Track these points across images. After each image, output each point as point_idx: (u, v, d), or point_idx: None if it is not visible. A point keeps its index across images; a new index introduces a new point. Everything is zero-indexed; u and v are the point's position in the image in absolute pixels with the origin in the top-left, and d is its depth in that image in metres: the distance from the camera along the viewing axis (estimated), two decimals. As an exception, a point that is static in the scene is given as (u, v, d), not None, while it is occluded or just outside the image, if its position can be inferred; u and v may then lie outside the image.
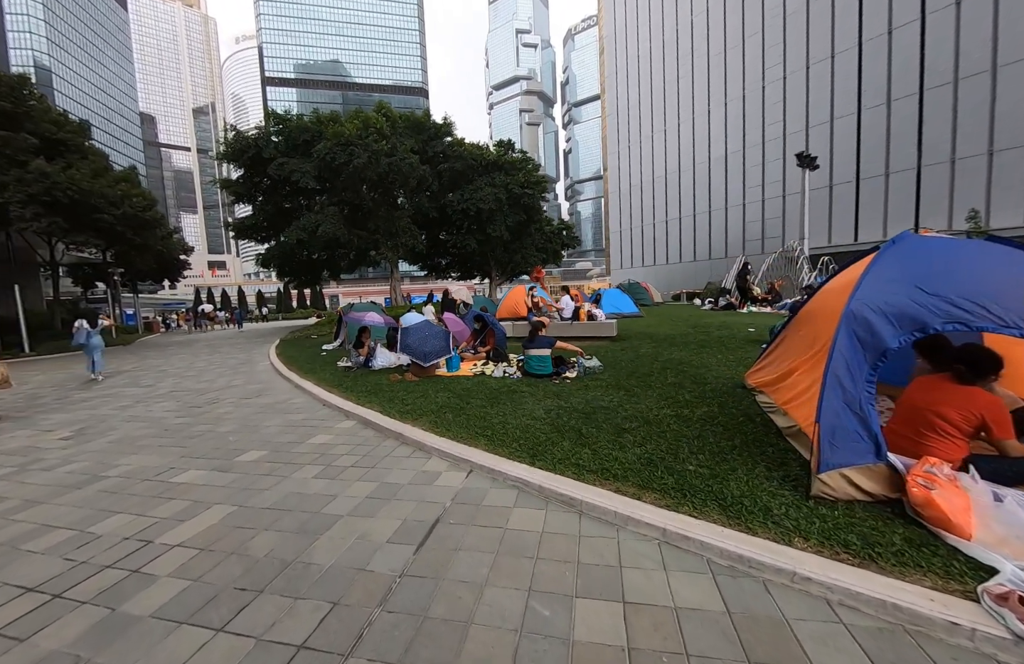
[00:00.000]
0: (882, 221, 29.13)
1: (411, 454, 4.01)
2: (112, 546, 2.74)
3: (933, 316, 2.55)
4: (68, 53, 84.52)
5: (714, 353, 7.35)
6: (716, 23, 39.62)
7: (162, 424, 5.91)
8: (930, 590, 1.87)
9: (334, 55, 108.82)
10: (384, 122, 20.28)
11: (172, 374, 10.73)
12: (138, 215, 21.40)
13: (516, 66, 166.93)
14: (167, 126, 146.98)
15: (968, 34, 24.38)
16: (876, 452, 2.51)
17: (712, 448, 3.35)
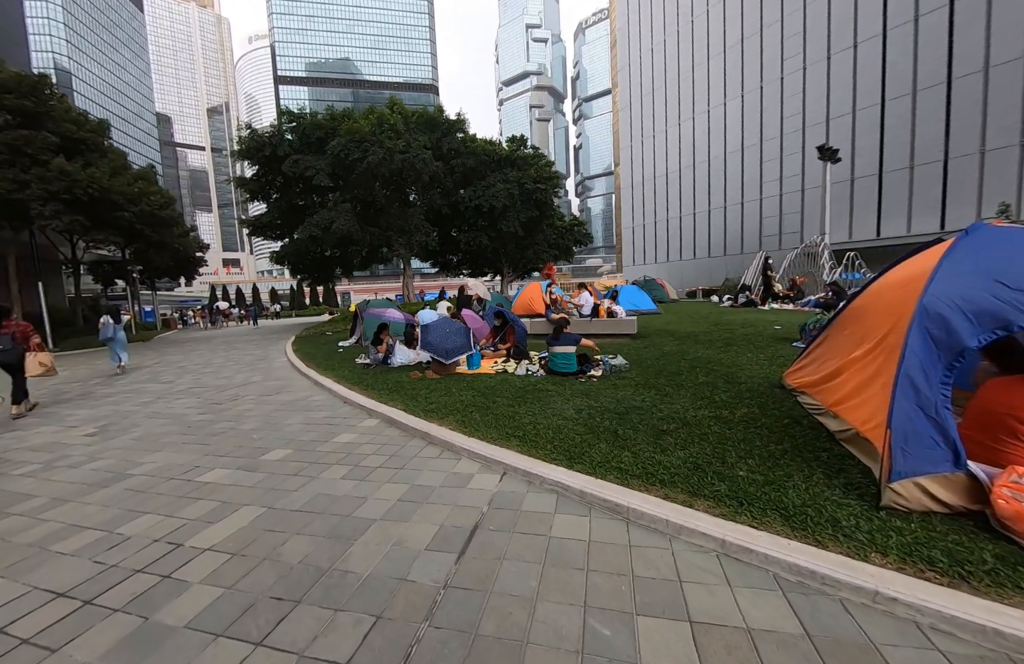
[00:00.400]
0: (906, 215, 28.25)
1: (440, 455, 3.89)
2: (142, 549, 2.67)
3: (1019, 313, 2.33)
4: (87, 54, 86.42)
5: (743, 351, 7.10)
6: (733, 13, 38.73)
7: (184, 421, 5.91)
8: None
9: (345, 53, 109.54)
10: (399, 119, 20.24)
11: (191, 370, 10.82)
12: (155, 213, 21.78)
13: (526, 61, 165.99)
14: (182, 126, 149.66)
15: (999, 17, 23.39)
16: (955, 460, 2.30)
17: (761, 452, 3.16)
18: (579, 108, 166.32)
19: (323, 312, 50.96)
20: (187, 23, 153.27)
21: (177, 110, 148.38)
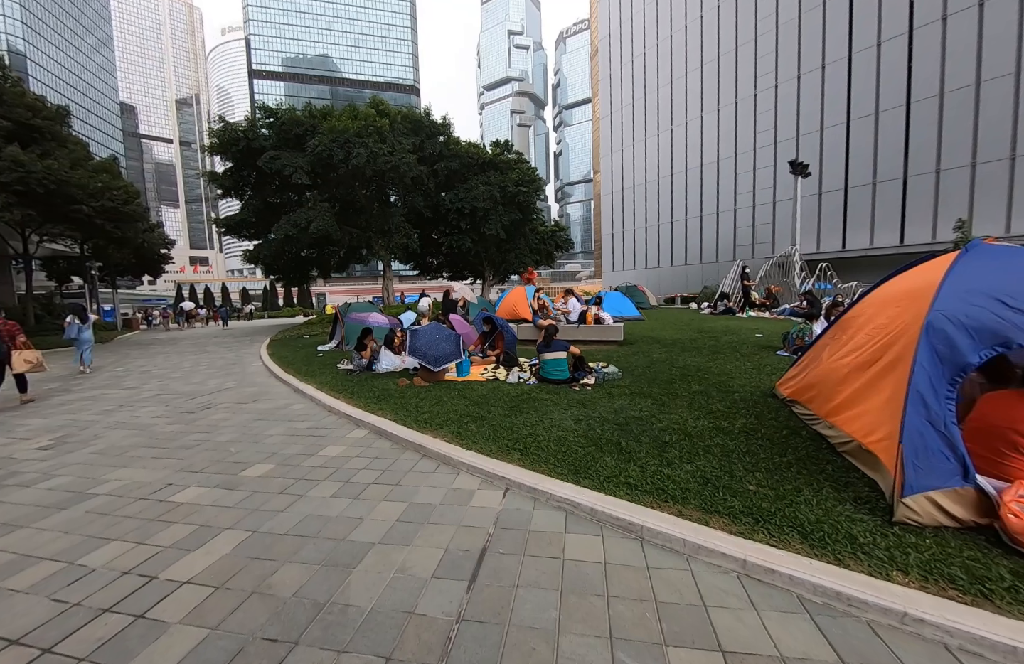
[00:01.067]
0: (869, 229, 29.80)
1: (436, 469, 3.72)
2: (109, 583, 2.39)
3: (1017, 331, 2.39)
4: (44, 37, 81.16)
5: (730, 359, 7.22)
6: (709, 30, 40.08)
7: (152, 432, 5.48)
8: (1062, 636, 1.68)
9: (323, 50, 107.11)
10: (385, 122, 19.82)
11: (157, 375, 10.16)
12: (118, 208, 20.48)
13: (508, 67, 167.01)
14: (148, 117, 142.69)
15: (954, 49, 25.09)
16: (964, 474, 2.33)
17: (766, 465, 3.14)
18: (559, 115, 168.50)
19: (298, 313, 49.39)
20: (156, 11, 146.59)
21: (143, 100, 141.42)
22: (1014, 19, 22.76)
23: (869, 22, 28.65)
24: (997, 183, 23.95)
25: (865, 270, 25.16)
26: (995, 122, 23.72)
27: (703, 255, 42.04)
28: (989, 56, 23.73)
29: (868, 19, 28.69)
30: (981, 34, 23.95)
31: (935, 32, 25.68)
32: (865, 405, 3.12)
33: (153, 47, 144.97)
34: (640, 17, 47.82)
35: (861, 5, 28.99)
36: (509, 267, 28.27)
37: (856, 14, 29.31)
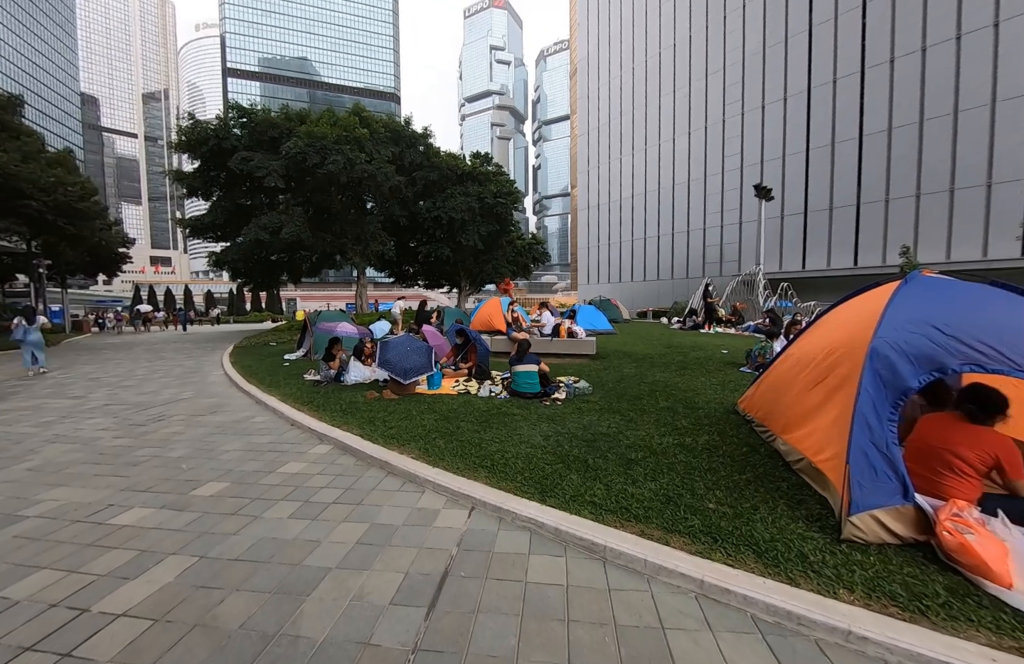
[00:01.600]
0: (826, 252, 31.67)
1: (401, 487, 3.62)
2: (34, 617, 2.18)
3: (951, 357, 2.58)
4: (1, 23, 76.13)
5: (696, 375, 7.44)
6: (681, 59, 42.03)
7: (95, 446, 5.10)
8: (988, 648, 1.79)
9: (303, 52, 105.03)
10: (365, 132, 19.58)
11: (107, 383, 9.51)
12: (72, 204, 19.25)
13: (489, 81, 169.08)
14: (111, 109, 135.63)
15: (900, 89, 27.27)
16: (904, 493, 2.47)
17: (726, 483, 3.24)
18: (539, 130, 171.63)
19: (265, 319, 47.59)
20: (125, 2, 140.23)
21: (107, 92, 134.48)
22: (951, 65, 25.02)
23: (826, 60, 30.82)
24: (939, 213, 26.04)
25: (823, 290, 26.68)
26: (936, 158, 25.87)
27: (674, 271, 43.49)
28: (931, 97, 25.94)
29: (825, 57, 30.86)
30: (924, 77, 26.18)
31: (884, 73, 27.89)
32: (815, 424, 3.28)
33: (120, 39, 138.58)
34: (617, 42, 49.66)
35: (819, 43, 31.18)
36: (486, 277, 28.31)
37: (815, 51, 31.47)
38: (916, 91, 26.47)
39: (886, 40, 27.72)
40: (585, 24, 54.74)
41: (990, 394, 2.67)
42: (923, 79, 26.21)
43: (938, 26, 25.51)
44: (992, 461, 2.54)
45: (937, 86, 25.65)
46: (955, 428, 2.69)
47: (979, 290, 2.95)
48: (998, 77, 23.57)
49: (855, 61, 29.27)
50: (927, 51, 26.04)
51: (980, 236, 24.65)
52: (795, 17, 32.59)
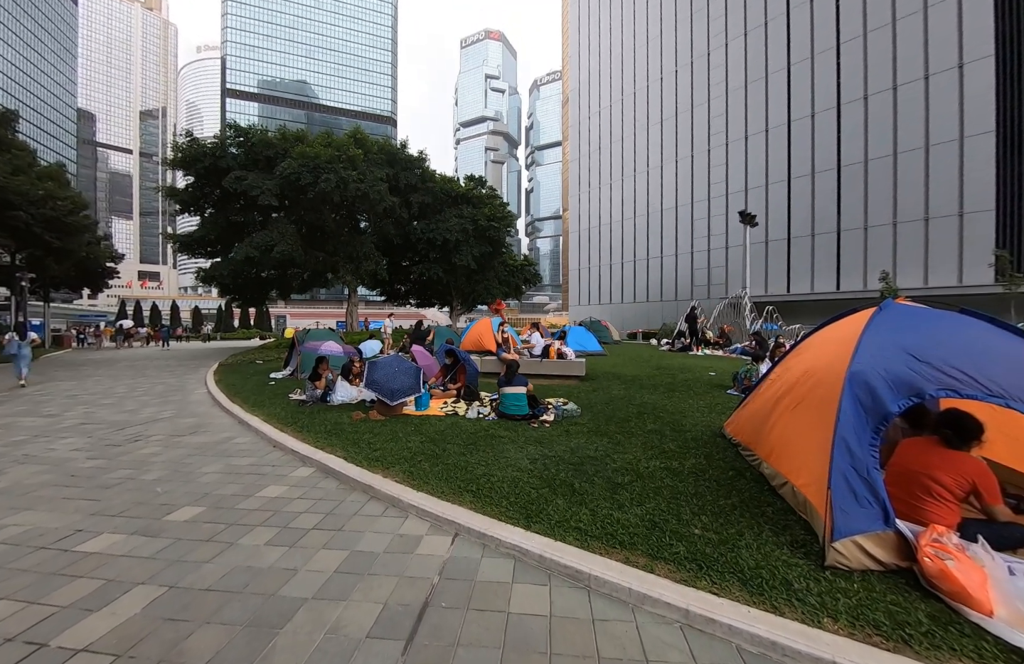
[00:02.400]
0: (810, 276, 32.51)
1: (384, 512, 3.54)
2: (-18, 655, 2.05)
3: (927, 382, 2.64)
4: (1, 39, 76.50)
5: (684, 397, 7.48)
6: (668, 90, 43.70)
7: (67, 468, 4.91)
8: (970, 679, 1.78)
9: (302, 75, 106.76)
10: (359, 152, 19.86)
11: (85, 401, 9.23)
12: (61, 218, 19.07)
13: (484, 107, 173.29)
14: (108, 126, 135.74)
15: (874, 123, 28.63)
16: (885, 519, 2.48)
17: (712, 508, 3.22)
18: (532, 155, 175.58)
19: (253, 336, 46.91)
20: (127, 23, 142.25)
21: (104, 109, 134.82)
22: (921, 103, 26.40)
23: (804, 96, 32.31)
24: (915, 241, 27.04)
25: (807, 313, 27.27)
26: (910, 188, 27.01)
27: (663, 293, 44.18)
28: (903, 132, 27.25)
29: (803, 93, 32.36)
30: (896, 113, 27.55)
31: (859, 108, 29.30)
32: (798, 448, 3.31)
33: (121, 57, 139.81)
34: (607, 74, 51.55)
35: (797, 81, 32.73)
36: (478, 297, 28.42)
37: (794, 88, 33.01)
38: (889, 126, 27.81)
39: (859, 79, 29.23)
40: (577, 57, 56.84)
41: (966, 420, 2.73)
42: (895, 115, 27.59)
43: (907, 67, 27.01)
44: (969, 486, 2.58)
45: (908, 122, 27.00)
46: (933, 453, 2.73)
47: (950, 318, 3.06)
48: (964, 115, 24.92)
49: (831, 97, 30.74)
50: (898, 89, 27.49)
51: (955, 263, 25.58)
52: (774, 56, 34.27)
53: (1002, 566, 2.18)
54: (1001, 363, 2.63)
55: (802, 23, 32.44)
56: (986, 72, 24.23)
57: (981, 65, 24.36)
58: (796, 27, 32.83)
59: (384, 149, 23.23)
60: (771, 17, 34.52)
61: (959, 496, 2.61)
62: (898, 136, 27.44)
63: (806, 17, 32.19)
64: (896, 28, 27.53)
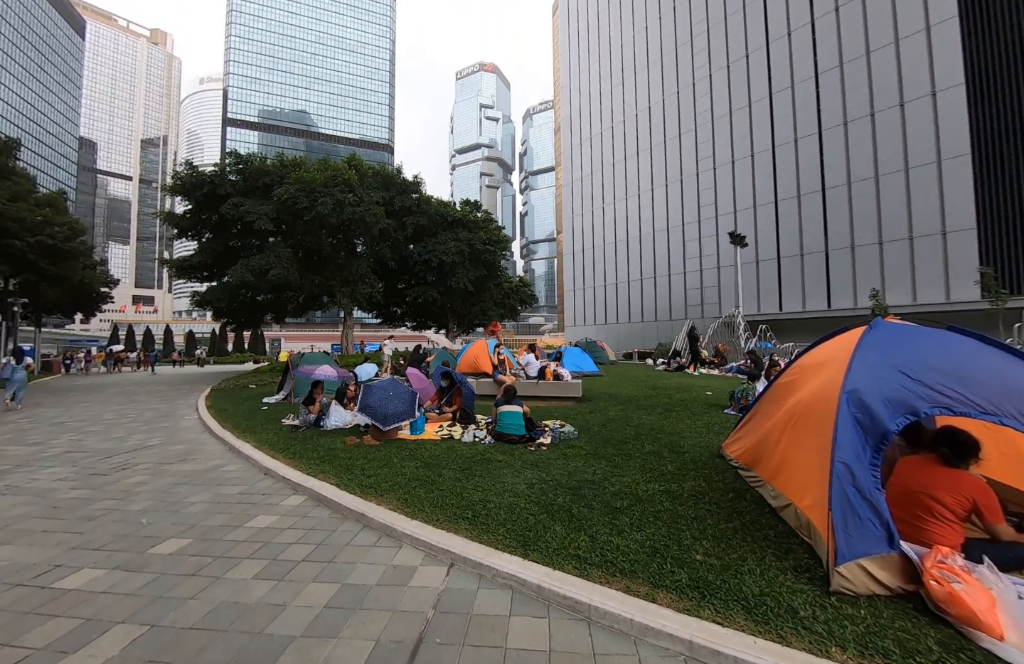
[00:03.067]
0: (801, 294, 32.95)
1: (377, 541, 3.43)
2: (-54, 705, 1.93)
3: (921, 401, 2.65)
4: (4, 69, 77.96)
5: (681, 418, 7.44)
6: (656, 118, 45.12)
7: (50, 498, 4.75)
8: (984, 711, 1.72)
9: (302, 105, 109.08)
10: (354, 175, 20.20)
11: (72, 428, 9.02)
12: (58, 245, 19.10)
13: (479, 135, 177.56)
14: (109, 153, 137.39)
15: (855, 148, 29.61)
16: (889, 540, 2.44)
17: (713, 532, 3.16)
18: (525, 180, 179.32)
19: (247, 360, 46.47)
20: (133, 56, 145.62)
21: (106, 137, 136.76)
22: (898, 128, 27.41)
23: (786, 122, 33.47)
24: (901, 259, 27.61)
25: (801, 331, 27.56)
26: (893, 209, 27.75)
27: (658, 313, 44.49)
28: (883, 156, 28.17)
29: (785, 120, 33.54)
30: (875, 138, 28.55)
31: (839, 134, 30.35)
32: (797, 469, 3.28)
33: (125, 88, 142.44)
34: (597, 103, 53.24)
35: (780, 108, 33.95)
36: (474, 319, 28.47)
37: (776, 115, 34.21)
38: (869, 150, 28.78)
39: (838, 106, 30.38)
40: (568, 87, 58.76)
41: (963, 438, 2.72)
42: (874, 140, 28.57)
43: (883, 95, 28.14)
44: (970, 505, 2.56)
45: (887, 146, 27.96)
46: (932, 471, 2.71)
47: (940, 335, 3.09)
48: (940, 140, 25.87)
49: (812, 124, 31.85)
50: (875, 116, 28.56)
51: (942, 280, 26.07)
52: (756, 86, 35.64)
53: (1010, 588, 2.14)
54: (992, 380, 2.64)
55: (781, 56, 33.88)
56: (958, 99, 25.29)
57: (953, 92, 25.45)
58: (776, 59, 34.25)
59: (380, 173, 23.63)
60: (751, 50, 36.03)
61: (961, 515, 2.58)
62: (878, 160, 28.34)
63: (784, 50, 33.65)
64: (870, 59, 28.78)
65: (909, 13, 27.13)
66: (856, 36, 29.51)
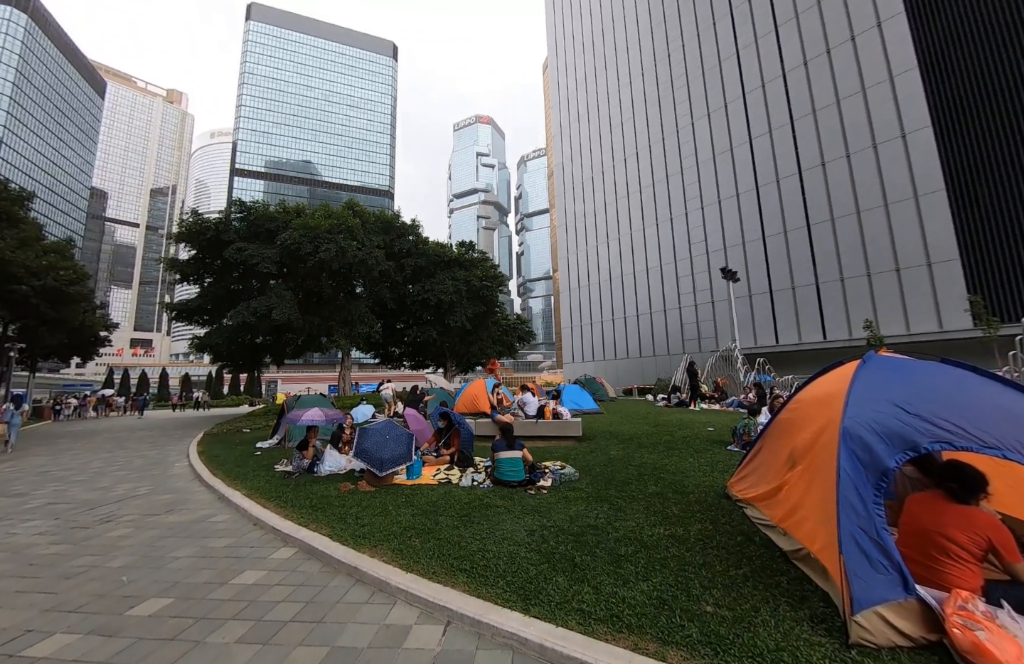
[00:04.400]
0: (795, 326, 33.22)
1: (370, 598, 3.25)
2: None
3: (921, 435, 2.61)
4: (26, 126, 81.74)
5: (684, 456, 7.29)
6: (644, 163, 47.17)
7: (26, 555, 4.54)
8: None
9: (306, 156, 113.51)
10: (357, 223, 20.79)
11: (57, 477, 8.74)
12: (61, 289, 19.33)
13: (476, 180, 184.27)
14: (119, 202, 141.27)
15: (835, 186, 30.83)
16: (904, 585, 2.33)
17: (723, 580, 3.02)
18: (521, 221, 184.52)
19: (243, 403, 45.80)
20: (148, 114, 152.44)
21: (117, 187, 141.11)
22: (873, 168, 28.63)
23: (767, 164, 35.01)
24: (890, 290, 28.07)
25: (799, 363, 27.52)
26: (877, 242, 28.52)
27: (655, 348, 44.59)
28: (862, 192, 29.27)
29: (766, 162, 35.09)
30: (852, 177, 29.78)
31: (818, 174, 31.69)
32: (805, 510, 3.18)
33: (139, 142, 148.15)
34: (587, 149, 55.78)
35: (760, 152, 35.59)
36: (472, 358, 28.40)
37: (757, 158, 35.82)
38: (848, 188, 29.97)
39: (815, 149, 31.93)
40: (559, 136, 61.69)
41: (969, 472, 2.66)
42: (852, 179, 29.81)
43: (856, 137, 29.64)
44: (985, 544, 2.46)
45: (865, 184, 29.14)
46: (942, 509, 2.63)
47: (933, 368, 3.08)
48: (915, 177, 27.01)
49: (792, 165, 33.33)
50: (851, 157, 29.94)
51: (932, 310, 26.41)
52: (736, 132, 37.58)
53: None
54: (990, 413, 2.62)
55: (757, 105, 35.95)
56: (927, 139, 26.66)
57: (921, 133, 26.86)
58: (752, 108, 36.35)
59: (379, 218, 24.29)
60: (729, 100, 38.29)
61: (977, 555, 2.48)
62: (858, 197, 29.45)
63: (760, 100, 35.76)
64: (841, 106, 30.55)
65: (872, 65, 29.09)
66: (825, 86, 31.49)
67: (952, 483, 2.66)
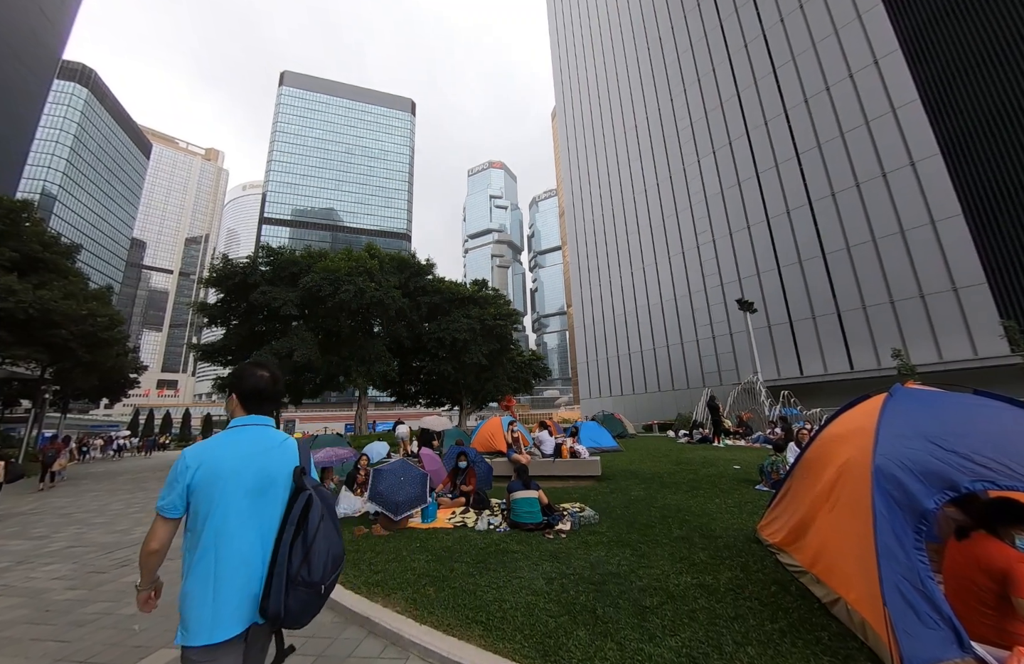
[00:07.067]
0: (820, 356, 32.14)
1: (382, 651, 3.13)
2: None
3: (960, 474, 2.44)
4: (79, 185, 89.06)
5: (710, 497, 6.96)
6: (653, 199, 48.00)
7: (43, 600, 4.55)
8: None
9: (330, 203, 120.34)
10: (375, 264, 21.63)
11: (78, 520, 8.86)
12: (98, 334, 20.38)
13: (489, 221, 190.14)
14: (156, 251, 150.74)
15: (847, 215, 30.57)
16: (959, 641, 2.12)
17: (758, 635, 2.80)
18: (534, 259, 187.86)
19: (261, 444, 46.09)
20: (188, 171, 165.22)
21: (155, 237, 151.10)
22: (885, 196, 28.39)
23: (776, 196, 35.14)
24: (917, 317, 27.06)
25: (824, 395, 26.43)
26: (898, 269, 27.83)
27: (674, 382, 43.58)
28: (876, 220, 28.90)
29: (775, 194, 35.25)
30: (864, 205, 29.54)
31: (829, 204, 31.57)
32: (838, 557, 2.98)
33: (177, 197, 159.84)
34: (597, 190, 57.31)
35: (768, 185, 35.84)
36: (488, 395, 28.28)
37: (766, 191, 36.05)
38: (861, 217, 29.67)
39: (823, 180, 31.99)
40: (568, 178, 63.74)
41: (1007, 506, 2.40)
42: (864, 207, 29.55)
43: (864, 167, 29.62)
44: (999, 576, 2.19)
45: (879, 212, 28.81)
46: (975, 551, 2.38)
47: (966, 400, 2.92)
48: (929, 203, 26.61)
49: (802, 197, 33.37)
50: (861, 186, 29.81)
51: (964, 335, 25.24)
52: (743, 166, 38.09)
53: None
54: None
55: (761, 140, 36.61)
56: (937, 167, 26.41)
57: (931, 161, 26.66)
58: (757, 143, 36.99)
59: (396, 258, 25.13)
60: (734, 138, 39.12)
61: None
62: (872, 224, 29.07)
63: (764, 136, 36.45)
64: (846, 139, 30.81)
65: (873, 100, 29.47)
66: (828, 121, 31.99)
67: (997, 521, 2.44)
